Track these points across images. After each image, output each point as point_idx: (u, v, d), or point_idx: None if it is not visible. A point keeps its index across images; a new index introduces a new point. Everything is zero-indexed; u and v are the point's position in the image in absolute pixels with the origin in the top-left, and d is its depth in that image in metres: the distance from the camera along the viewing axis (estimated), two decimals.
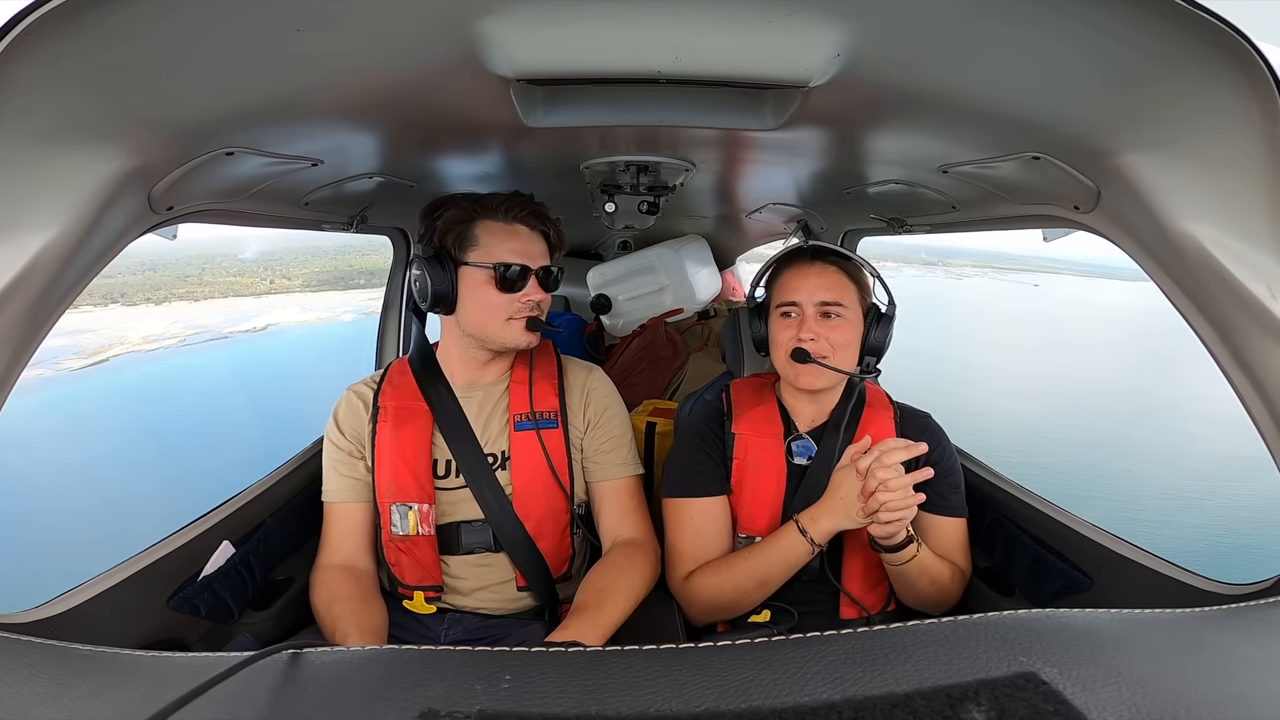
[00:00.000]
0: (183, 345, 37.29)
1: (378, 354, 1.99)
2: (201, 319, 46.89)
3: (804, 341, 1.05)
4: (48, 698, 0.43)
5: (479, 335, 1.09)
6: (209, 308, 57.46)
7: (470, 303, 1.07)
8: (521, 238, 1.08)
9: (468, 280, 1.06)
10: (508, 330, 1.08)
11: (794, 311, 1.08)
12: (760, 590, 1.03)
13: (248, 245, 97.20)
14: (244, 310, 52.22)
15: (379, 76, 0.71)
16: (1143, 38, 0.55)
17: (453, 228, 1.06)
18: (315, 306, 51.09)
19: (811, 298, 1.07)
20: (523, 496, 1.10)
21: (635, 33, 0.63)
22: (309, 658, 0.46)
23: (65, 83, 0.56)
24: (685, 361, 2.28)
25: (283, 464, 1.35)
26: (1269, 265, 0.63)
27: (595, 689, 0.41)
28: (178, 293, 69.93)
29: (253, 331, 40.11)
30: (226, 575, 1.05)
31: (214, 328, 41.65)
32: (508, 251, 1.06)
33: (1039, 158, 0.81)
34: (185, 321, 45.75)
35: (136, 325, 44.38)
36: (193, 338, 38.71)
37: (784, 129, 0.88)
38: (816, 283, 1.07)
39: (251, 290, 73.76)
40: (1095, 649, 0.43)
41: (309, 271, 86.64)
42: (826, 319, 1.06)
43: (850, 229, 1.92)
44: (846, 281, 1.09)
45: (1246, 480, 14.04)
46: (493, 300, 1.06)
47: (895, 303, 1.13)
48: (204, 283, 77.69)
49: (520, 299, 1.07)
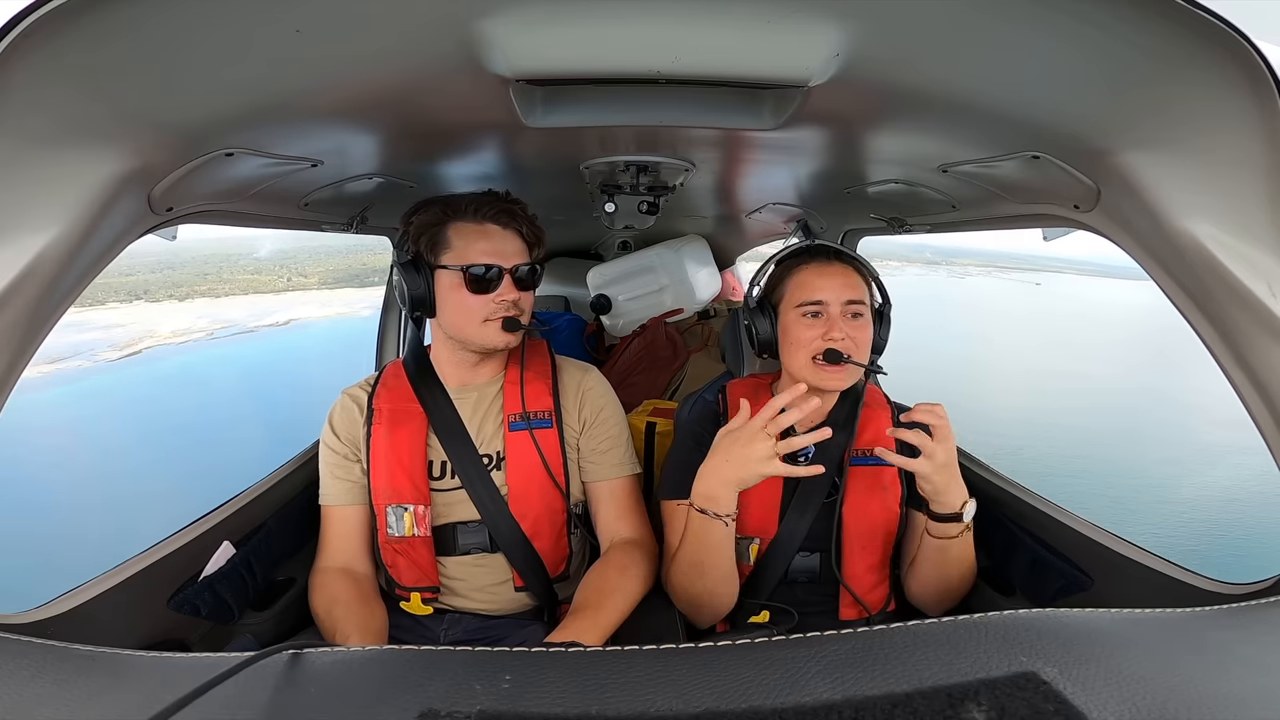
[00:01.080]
0: (211, 339, 39.14)
1: (377, 355, 1.99)
2: (226, 314, 49.26)
3: (835, 342, 1.01)
4: (48, 698, 0.43)
5: (459, 338, 1.09)
6: (231, 304, 60.08)
7: (447, 306, 1.07)
8: (493, 237, 1.06)
9: (442, 283, 1.06)
10: (485, 332, 1.07)
11: (819, 311, 1.04)
12: (706, 579, 1.00)
13: (262, 244, 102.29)
14: (265, 306, 54.64)
15: (379, 77, 0.71)
16: (1143, 37, 0.55)
17: (425, 231, 1.06)
18: (333, 302, 52.96)
19: (840, 297, 1.04)
20: (518, 496, 1.10)
21: (634, 33, 0.63)
22: (309, 658, 0.46)
23: (65, 83, 0.56)
24: (685, 362, 2.28)
25: (283, 464, 1.35)
26: (1269, 264, 0.63)
27: (595, 689, 0.41)
28: (199, 290, 72.80)
29: (276, 326, 42.15)
30: (227, 576, 1.05)
31: (240, 322, 43.83)
32: (478, 252, 1.05)
33: (1039, 157, 0.81)
34: (211, 316, 47.89)
35: (164, 320, 46.53)
36: (220, 331, 40.64)
37: (784, 129, 0.88)
38: (843, 282, 1.05)
39: (270, 288, 76.64)
40: (1095, 649, 0.43)
41: (324, 269, 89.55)
42: (853, 319, 1.05)
43: (850, 229, 1.92)
44: (863, 281, 1.08)
45: (1217, 466, 14.91)
46: (468, 303, 1.05)
47: (890, 301, 1.12)
48: (223, 280, 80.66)
49: (495, 299, 1.06)
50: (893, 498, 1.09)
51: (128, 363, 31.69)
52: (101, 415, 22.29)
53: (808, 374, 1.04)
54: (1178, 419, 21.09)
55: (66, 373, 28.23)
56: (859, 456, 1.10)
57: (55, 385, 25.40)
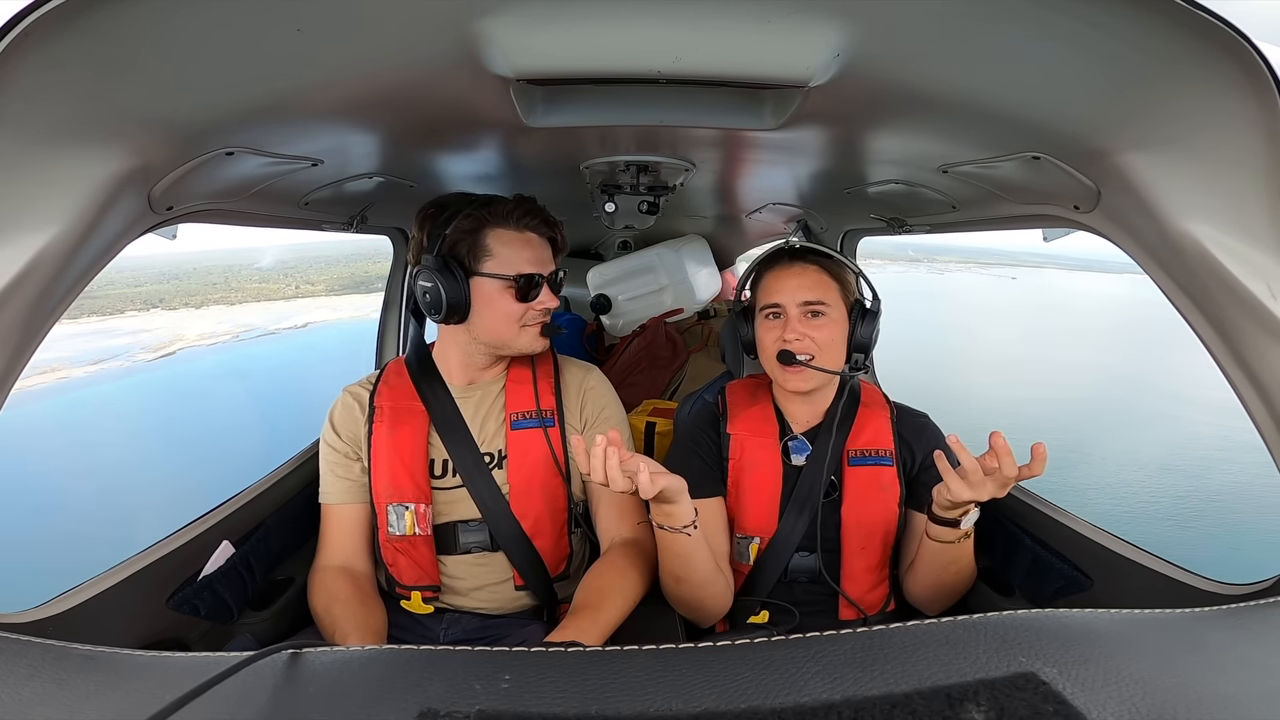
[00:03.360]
0: (237, 341, 42.75)
1: (378, 354, 1.99)
2: (244, 319, 53.65)
3: (789, 343, 1.05)
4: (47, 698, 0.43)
5: (493, 343, 1.09)
6: (246, 310, 64.99)
7: (485, 312, 1.07)
8: (535, 246, 1.08)
9: (483, 289, 1.06)
10: (523, 337, 1.09)
11: (778, 312, 1.08)
12: (685, 587, 1.00)
13: (264, 254, 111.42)
14: (279, 312, 59.43)
15: (379, 77, 0.71)
16: (1142, 37, 0.55)
17: (463, 237, 1.05)
18: (344, 307, 56.92)
19: (794, 298, 1.06)
20: (519, 495, 1.10)
21: (635, 33, 0.63)
22: (309, 657, 0.46)
23: (65, 82, 0.56)
24: (685, 361, 2.29)
25: (283, 463, 1.35)
26: (1269, 264, 0.63)
27: (595, 689, 0.41)
28: (213, 298, 78.22)
29: (295, 328, 46.12)
30: (226, 575, 1.05)
31: (260, 326, 47.95)
32: (525, 261, 1.06)
33: (1039, 157, 0.81)
34: (231, 322, 51.97)
35: (187, 325, 50.60)
36: (244, 334, 44.43)
37: (784, 129, 0.88)
38: (798, 283, 1.07)
39: (280, 295, 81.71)
40: (1095, 649, 0.43)
41: (330, 277, 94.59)
42: (810, 319, 1.06)
43: (850, 229, 1.92)
44: (828, 280, 1.08)
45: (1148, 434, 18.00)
46: (510, 309, 1.07)
47: (880, 298, 1.12)
48: (232, 289, 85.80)
49: (536, 306, 1.08)
50: (891, 498, 1.09)
51: (164, 363, 35.63)
52: (159, 405, 26.02)
53: (776, 375, 1.10)
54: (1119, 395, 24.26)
55: (110, 371, 33.35)
56: (857, 456, 1.10)
57: (102, 383, 31.06)
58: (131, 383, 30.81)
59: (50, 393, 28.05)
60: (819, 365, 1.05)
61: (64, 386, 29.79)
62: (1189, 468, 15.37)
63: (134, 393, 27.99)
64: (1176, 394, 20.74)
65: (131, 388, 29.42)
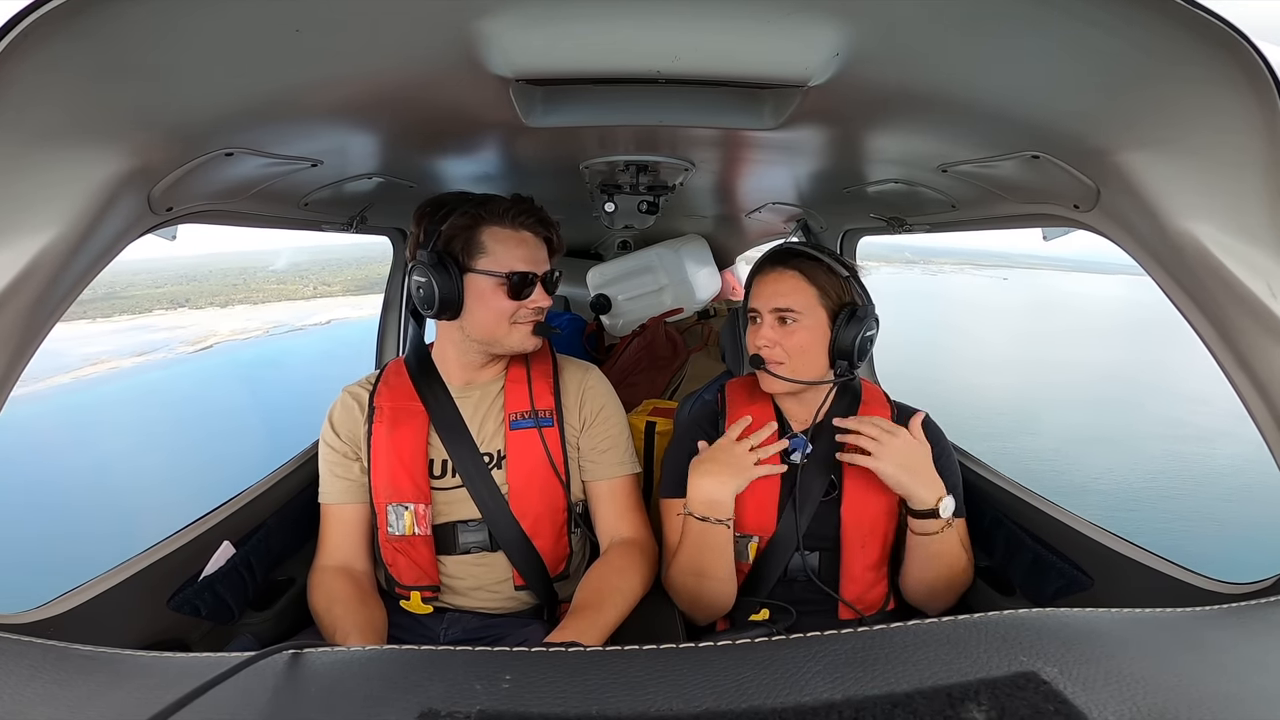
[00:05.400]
0: (268, 336, 46.64)
1: (378, 354, 1.99)
2: (270, 317, 58.00)
3: (759, 348, 1.07)
4: (48, 698, 0.43)
5: (485, 340, 1.09)
6: (270, 309, 69.77)
7: (478, 309, 1.07)
8: (529, 245, 1.08)
9: (476, 286, 1.06)
10: (514, 335, 1.09)
11: (755, 318, 1.10)
12: (707, 581, 1.03)
13: (278, 257, 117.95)
14: (302, 310, 64.20)
15: (378, 77, 0.71)
16: (1142, 37, 0.55)
17: (458, 234, 1.05)
18: (363, 306, 60.91)
19: (768, 304, 1.07)
20: (519, 495, 1.10)
21: (635, 33, 0.63)
22: (309, 658, 0.46)
23: (65, 83, 0.56)
24: (685, 361, 2.28)
25: (283, 464, 1.35)
26: (1269, 264, 0.63)
27: (595, 689, 0.41)
28: (236, 298, 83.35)
29: (320, 325, 50.22)
30: (227, 575, 1.05)
31: (288, 322, 52.26)
32: (518, 259, 1.06)
33: (1038, 157, 0.81)
34: (259, 319, 56.06)
35: (218, 323, 54.85)
36: (274, 330, 48.52)
37: (783, 129, 0.88)
38: (772, 289, 1.07)
39: (300, 295, 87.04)
40: (1096, 648, 0.43)
41: (345, 278, 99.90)
42: (781, 325, 1.07)
43: (850, 228, 1.92)
44: (804, 285, 1.06)
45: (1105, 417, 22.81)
46: (502, 306, 1.06)
47: (872, 302, 1.09)
48: (252, 289, 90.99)
49: (528, 305, 1.08)
50: (891, 497, 1.08)
51: (203, 355, 40.82)
52: (212, 392, 30.50)
53: (758, 377, 1.13)
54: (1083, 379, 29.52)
55: (156, 361, 38.80)
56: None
57: (149, 371, 36.50)
58: (177, 371, 35.87)
59: (104, 380, 32.71)
60: (784, 374, 1.06)
61: (116, 375, 34.06)
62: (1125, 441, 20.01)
63: (183, 381, 32.84)
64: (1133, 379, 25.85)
65: (178, 375, 34.48)
